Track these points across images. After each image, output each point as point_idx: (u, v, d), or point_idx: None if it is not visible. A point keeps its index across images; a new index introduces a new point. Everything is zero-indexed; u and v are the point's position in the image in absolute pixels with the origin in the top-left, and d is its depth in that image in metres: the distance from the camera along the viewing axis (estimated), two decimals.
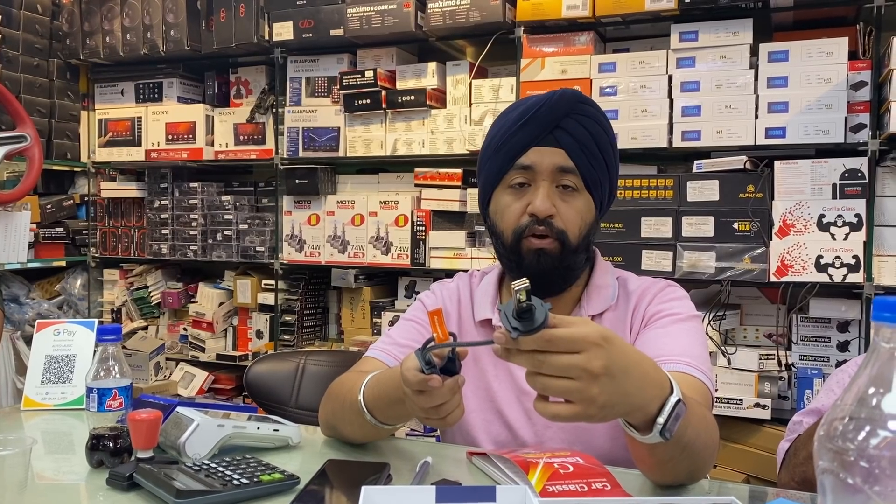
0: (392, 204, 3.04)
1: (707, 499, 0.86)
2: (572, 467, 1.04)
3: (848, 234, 2.34)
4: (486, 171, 1.28)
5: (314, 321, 3.37)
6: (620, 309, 1.30)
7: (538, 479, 1.00)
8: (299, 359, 2.20)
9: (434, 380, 0.94)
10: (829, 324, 2.46)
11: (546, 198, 1.20)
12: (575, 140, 1.21)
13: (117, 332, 1.13)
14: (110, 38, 3.42)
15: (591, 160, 1.22)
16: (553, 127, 1.20)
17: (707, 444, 1.01)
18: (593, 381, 0.81)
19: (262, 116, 3.30)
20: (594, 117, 1.23)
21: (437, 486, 0.85)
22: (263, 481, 1.01)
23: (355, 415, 1.15)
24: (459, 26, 2.80)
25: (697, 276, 2.48)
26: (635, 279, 1.35)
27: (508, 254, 1.25)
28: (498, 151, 1.25)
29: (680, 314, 1.25)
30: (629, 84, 2.59)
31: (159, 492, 0.96)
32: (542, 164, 1.21)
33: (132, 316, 3.67)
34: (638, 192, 2.56)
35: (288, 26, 3.08)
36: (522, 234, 1.22)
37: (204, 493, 0.95)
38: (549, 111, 1.21)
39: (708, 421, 1.02)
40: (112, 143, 3.55)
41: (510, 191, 1.25)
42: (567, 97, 1.22)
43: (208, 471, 1.02)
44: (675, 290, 1.31)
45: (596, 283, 1.31)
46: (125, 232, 3.64)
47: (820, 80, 2.37)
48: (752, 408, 2.42)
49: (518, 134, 1.22)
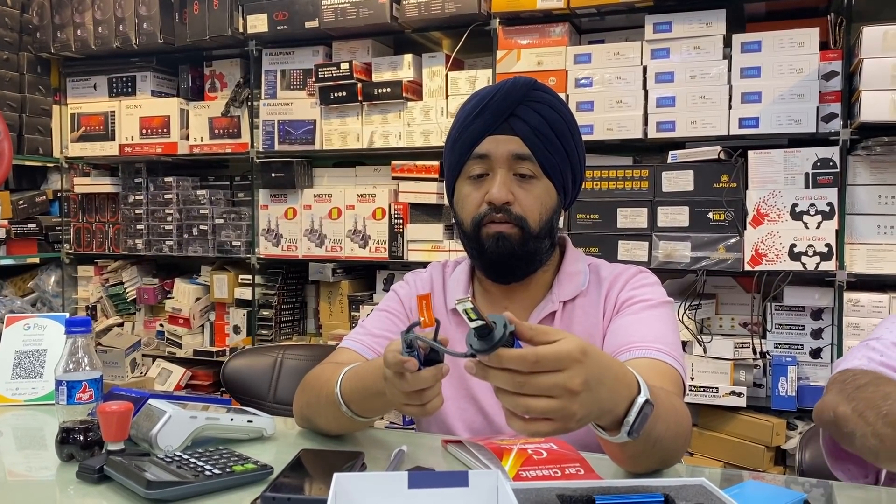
0: (369, 197, 3.03)
1: (678, 480, 0.87)
2: (546, 453, 1.04)
3: (820, 222, 2.37)
4: (448, 162, 1.30)
5: (292, 316, 3.35)
6: (592, 294, 1.31)
7: (512, 464, 1.00)
8: (277, 353, 2.19)
9: (410, 362, 0.93)
10: (802, 312, 2.49)
11: (502, 185, 1.21)
12: (530, 127, 1.21)
13: (86, 324, 1.12)
14: (81, 31, 3.37)
15: (548, 146, 1.22)
16: (507, 115, 1.21)
17: (678, 434, 1.02)
18: (574, 398, 0.80)
19: (237, 110, 3.27)
20: (549, 103, 1.23)
21: (409, 472, 0.85)
22: (236, 472, 1.01)
23: (331, 407, 1.15)
24: (435, 18, 2.79)
25: (673, 266, 2.49)
26: (607, 266, 1.36)
27: (470, 242, 1.27)
28: (456, 142, 1.26)
29: (651, 300, 1.26)
30: (604, 75, 2.60)
31: (129, 483, 0.95)
32: (497, 152, 1.22)
33: (107, 312, 3.63)
34: (614, 183, 2.57)
35: (262, 18, 3.06)
36: (481, 221, 1.23)
37: (175, 483, 0.94)
38: (502, 99, 1.21)
39: (678, 411, 1.03)
40: (85, 137, 3.50)
41: (469, 181, 1.26)
42: (520, 85, 1.23)
43: (180, 462, 1.02)
44: (647, 276, 1.33)
45: (567, 270, 1.32)
46: (99, 228, 3.60)
47: (792, 70, 2.39)
48: (727, 396, 2.44)
49: (473, 123, 1.23)
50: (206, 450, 1.08)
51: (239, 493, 0.99)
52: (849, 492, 1.05)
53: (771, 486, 0.92)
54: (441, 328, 1.33)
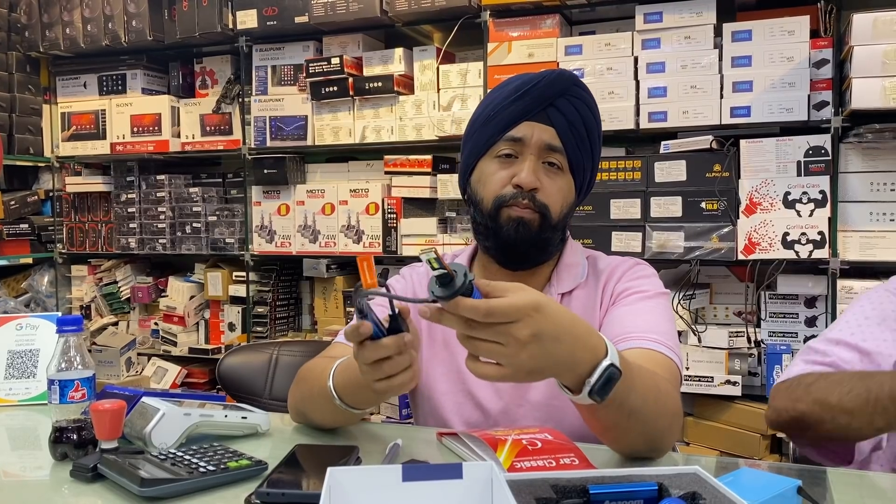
0: (362, 192, 3.02)
1: (672, 469, 0.87)
2: (541, 443, 1.04)
3: (813, 210, 2.37)
4: (474, 140, 1.29)
5: (287, 312, 3.35)
6: (590, 286, 1.31)
7: (506, 455, 1.00)
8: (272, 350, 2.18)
9: (364, 325, 0.93)
10: (796, 300, 2.49)
11: (532, 171, 1.22)
12: (566, 120, 1.23)
13: (78, 323, 1.11)
14: (70, 29, 3.35)
15: (579, 142, 1.24)
16: (547, 104, 1.23)
17: (660, 413, 1.01)
18: (522, 348, 0.84)
19: (228, 106, 3.26)
20: (586, 101, 1.25)
21: (403, 465, 0.85)
22: (230, 468, 1.00)
23: (325, 400, 1.15)
24: (425, 11, 2.78)
25: (667, 256, 2.49)
26: (605, 258, 1.37)
27: (486, 220, 1.26)
28: (489, 122, 1.26)
29: (647, 291, 1.27)
30: (595, 66, 2.60)
31: (123, 481, 0.95)
32: (531, 138, 1.23)
33: (102, 312, 3.62)
34: (607, 175, 2.57)
35: (252, 14, 3.05)
36: (504, 203, 1.23)
37: (169, 480, 0.94)
38: (546, 87, 1.23)
39: (661, 390, 1.03)
40: (76, 136, 3.49)
41: (497, 160, 1.26)
42: (564, 77, 1.24)
43: (174, 459, 1.01)
44: (644, 267, 1.33)
45: (566, 262, 1.33)
46: (92, 227, 3.59)
47: (783, 58, 2.39)
48: (722, 385, 2.45)
49: (512, 106, 1.24)
50: (200, 447, 1.08)
51: (234, 489, 0.98)
52: (843, 477, 1.05)
53: (765, 472, 0.92)
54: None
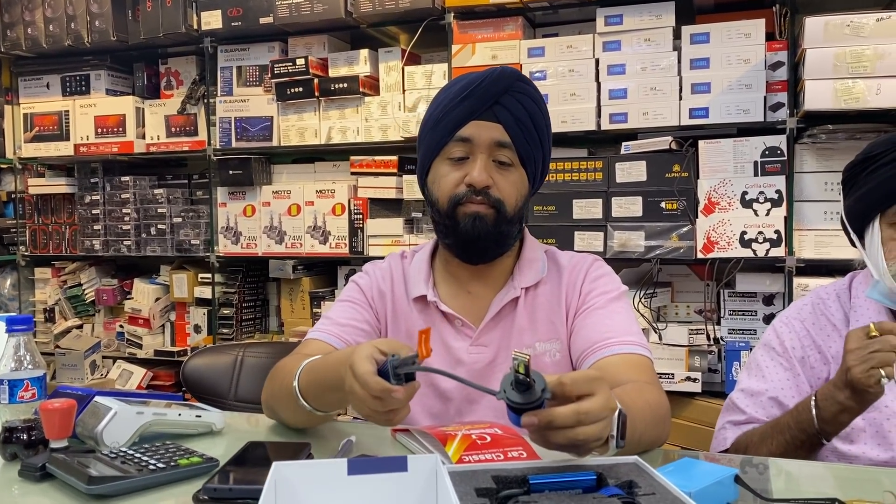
0: (328, 193, 3.03)
1: (613, 459, 0.89)
2: (490, 438, 1.06)
3: (769, 209, 2.42)
4: (427, 143, 1.32)
5: (254, 314, 3.34)
6: (553, 283, 1.35)
7: (455, 449, 1.02)
8: (237, 351, 2.18)
9: (400, 391, 0.92)
10: (755, 298, 2.54)
11: (483, 169, 1.25)
12: (513, 116, 1.26)
13: (27, 322, 1.11)
14: (32, 29, 3.32)
15: (527, 137, 1.27)
16: (493, 102, 1.25)
17: (657, 425, 1.11)
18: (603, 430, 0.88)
19: (193, 107, 3.25)
20: (532, 96, 1.28)
21: (349, 459, 0.86)
22: (181, 465, 1.01)
23: (291, 399, 1.15)
24: (389, 13, 2.80)
25: (628, 255, 2.53)
26: (562, 254, 1.41)
27: (444, 219, 1.29)
28: (438, 124, 1.29)
29: (612, 292, 1.32)
30: (557, 68, 2.63)
31: (71, 479, 0.95)
32: (480, 137, 1.26)
33: (66, 315, 3.59)
34: (569, 175, 2.60)
35: (216, 15, 3.04)
36: (459, 201, 1.26)
37: (117, 478, 0.94)
38: (490, 86, 1.25)
39: (651, 404, 1.10)
40: (39, 137, 3.45)
41: (449, 162, 1.29)
42: (507, 74, 1.27)
43: (124, 457, 1.01)
44: (602, 264, 1.38)
45: (527, 257, 1.37)
46: (56, 229, 3.55)
47: (740, 60, 2.44)
48: (683, 381, 2.49)
49: (459, 107, 1.26)
50: (153, 445, 1.08)
51: (184, 486, 0.99)
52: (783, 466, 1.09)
53: (704, 462, 0.94)
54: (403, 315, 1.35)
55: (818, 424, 1.18)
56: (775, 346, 1.38)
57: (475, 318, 1.33)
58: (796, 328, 1.37)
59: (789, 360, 1.35)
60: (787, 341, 1.36)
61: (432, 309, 1.35)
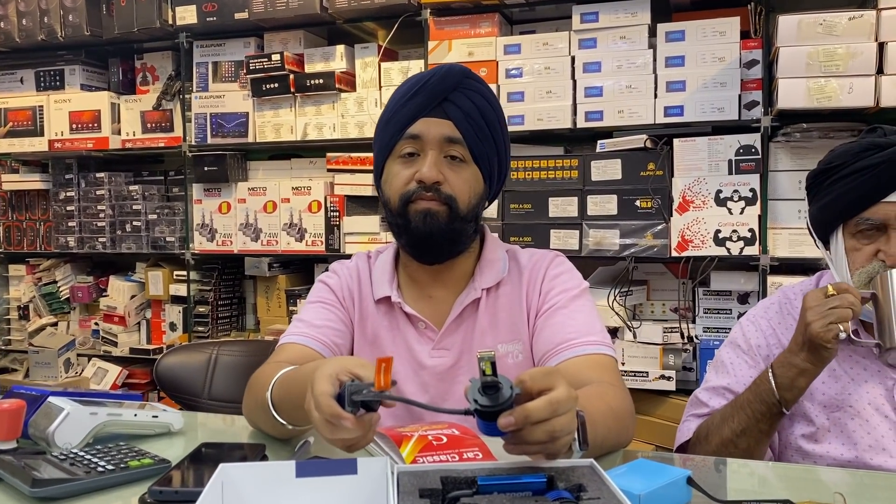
0: (305, 190, 3.01)
1: (566, 462, 0.88)
2: (446, 438, 1.05)
3: (744, 208, 2.42)
4: (379, 142, 1.32)
5: (230, 311, 3.31)
6: (514, 282, 1.34)
7: (410, 451, 1.01)
8: (211, 350, 2.16)
9: (350, 420, 0.86)
10: (729, 296, 2.54)
11: (433, 165, 1.24)
12: (462, 112, 1.25)
13: None
14: (4, 23, 3.27)
15: (478, 133, 1.26)
16: (441, 99, 1.25)
17: (621, 424, 1.11)
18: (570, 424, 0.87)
19: (169, 103, 3.22)
20: (481, 92, 1.28)
21: (297, 461, 0.85)
22: (131, 467, 0.99)
23: (265, 412, 1.12)
24: (365, 9, 2.78)
25: (603, 253, 2.52)
26: (523, 252, 1.39)
27: (396, 218, 1.28)
28: (388, 122, 1.29)
29: (573, 290, 1.31)
30: (534, 66, 2.62)
31: (15, 482, 0.93)
32: (429, 133, 1.25)
33: (41, 312, 3.55)
34: (545, 173, 2.59)
35: (191, 10, 3.01)
36: (410, 199, 1.25)
37: (63, 480, 0.93)
38: (437, 83, 1.25)
39: (612, 406, 1.10)
40: (13, 133, 3.41)
41: (400, 160, 1.28)
42: (455, 71, 1.27)
43: (74, 459, 1.00)
44: (563, 260, 1.37)
45: (488, 258, 1.35)
46: (30, 226, 3.51)
47: (714, 58, 2.44)
48: (657, 380, 2.49)
49: (407, 105, 1.26)
50: (105, 446, 1.07)
51: (133, 488, 0.97)
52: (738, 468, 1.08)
53: (658, 463, 0.94)
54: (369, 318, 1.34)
55: (777, 392, 1.21)
56: (741, 343, 1.39)
57: (438, 320, 1.32)
58: (762, 326, 1.38)
59: (754, 357, 1.37)
60: (753, 339, 1.37)
61: (396, 310, 1.34)
